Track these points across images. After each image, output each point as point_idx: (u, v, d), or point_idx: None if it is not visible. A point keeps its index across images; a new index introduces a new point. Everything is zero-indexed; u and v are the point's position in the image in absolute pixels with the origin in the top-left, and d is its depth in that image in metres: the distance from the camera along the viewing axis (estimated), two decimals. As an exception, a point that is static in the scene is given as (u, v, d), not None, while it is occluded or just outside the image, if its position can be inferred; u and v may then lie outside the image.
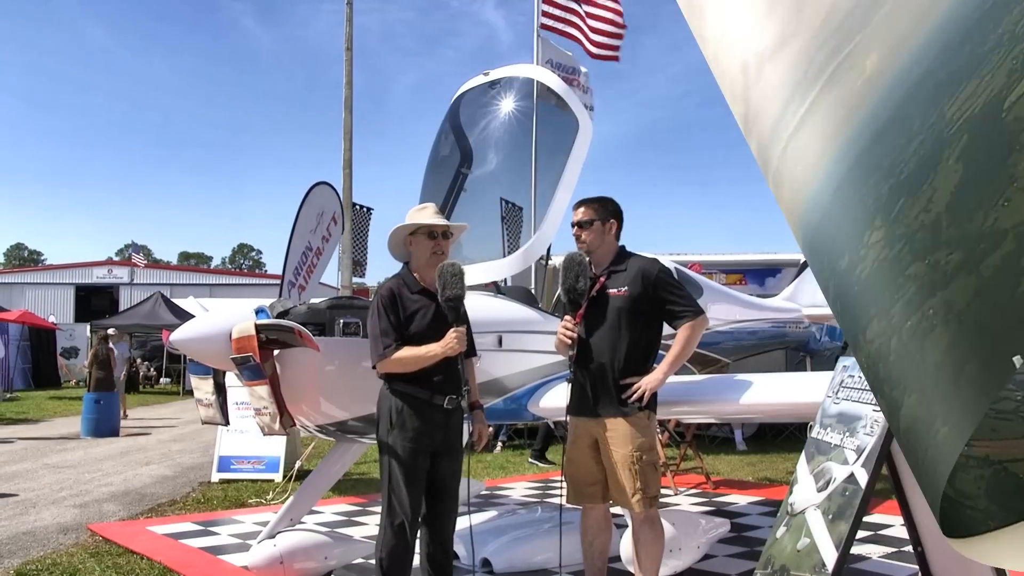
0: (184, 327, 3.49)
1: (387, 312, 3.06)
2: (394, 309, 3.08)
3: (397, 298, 3.10)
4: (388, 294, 3.11)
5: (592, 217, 3.35)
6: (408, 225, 3.22)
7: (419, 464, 3.06)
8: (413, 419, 3.05)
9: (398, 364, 3.04)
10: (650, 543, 3.24)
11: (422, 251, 3.20)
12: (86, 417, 11.21)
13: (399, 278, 3.21)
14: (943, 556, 2.96)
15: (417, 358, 3.02)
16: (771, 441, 9.69)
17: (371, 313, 3.13)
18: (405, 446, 3.04)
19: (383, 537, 3.07)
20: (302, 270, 5.40)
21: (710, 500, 6.35)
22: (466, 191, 4.69)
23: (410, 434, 3.05)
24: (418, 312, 3.11)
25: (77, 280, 30.02)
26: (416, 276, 3.21)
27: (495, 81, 4.73)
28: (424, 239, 3.20)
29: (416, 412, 3.06)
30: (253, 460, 7.28)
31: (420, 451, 3.06)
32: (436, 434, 3.09)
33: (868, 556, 4.43)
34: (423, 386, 3.07)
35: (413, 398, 3.06)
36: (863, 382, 2.77)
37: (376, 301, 3.14)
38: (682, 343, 3.24)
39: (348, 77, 12.31)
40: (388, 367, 3.06)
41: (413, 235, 3.22)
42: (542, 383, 4.12)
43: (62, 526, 5.43)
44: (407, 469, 3.03)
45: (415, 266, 3.24)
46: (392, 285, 3.15)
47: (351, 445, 4.24)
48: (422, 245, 3.20)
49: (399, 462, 3.04)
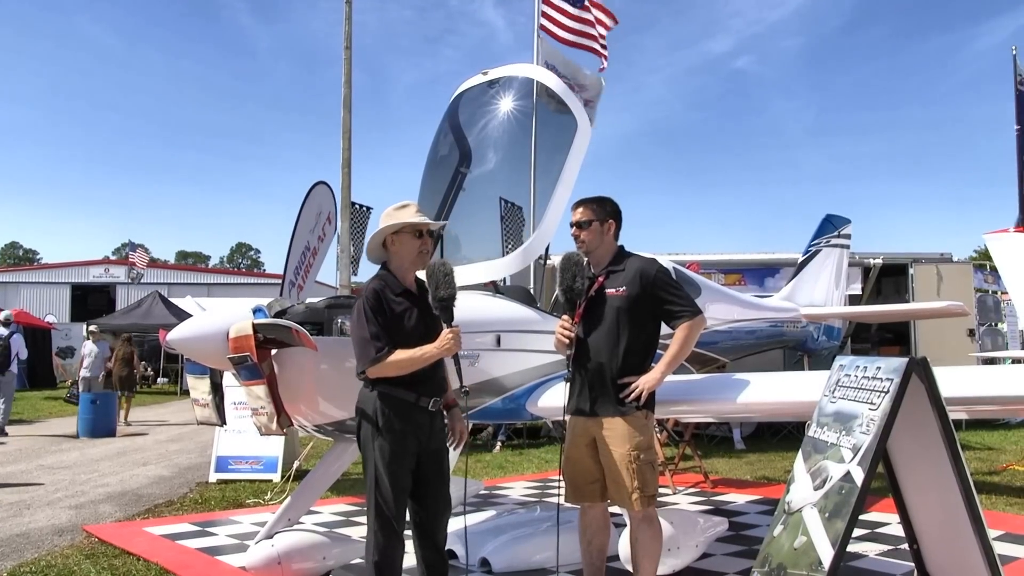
0: (181, 326, 3.49)
1: (375, 315, 2.95)
2: (381, 312, 2.97)
3: (383, 299, 3.01)
4: (374, 296, 2.99)
5: (591, 217, 3.36)
6: (393, 224, 3.08)
7: (405, 466, 3.01)
8: (398, 422, 2.99)
9: (393, 368, 2.95)
10: (648, 542, 3.25)
11: (407, 251, 3.10)
12: (82, 417, 11.19)
13: (380, 280, 3.08)
14: (939, 553, 2.98)
15: (412, 360, 2.95)
16: (769, 440, 9.71)
17: (356, 317, 3.00)
18: (391, 448, 2.98)
19: (373, 541, 3.02)
20: (301, 269, 5.41)
21: (708, 499, 6.37)
22: (465, 190, 4.69)
23: (395, 436, 2.99)
24: (404, 314, 3.02)
25: (73, 279, 29.95)
26: (397, 278, 3.11)
27: (494, 80, 4.73)
28: (410, 238, 3.10)
29: (401, 415, 3.00)
30: (251, 460, 7.27)
31: (406, 453, 3.01)
32: (420, 436, 3.05)
33: (865, 554, 4.44)
34: (409, 388, 3.01)
35: (399, 401, 3.00)
36: (859, 381, 2.78)
37: (361, 304, 3.00)
38: (680, 343, 3.25)
39: (347, 76, 12.27)
40: (381, 371, 2.95)
41: (396, 234, 3.10)
42: (541, 382, 4.12)
43: (57, 527, 5.41)
44: (392, 471, 2.98)
45: (396, 266, 3.13)
46: (375, 287, 3.03)
47: (349, 445, 4.23)
48: (407, 244, 3.10)
49: (385, 465, 2.98)
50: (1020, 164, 10.84)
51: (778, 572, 2.67)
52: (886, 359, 2.74)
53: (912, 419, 2.71)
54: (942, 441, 2.68)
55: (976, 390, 3.24)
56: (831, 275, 8.97)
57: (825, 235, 9.10)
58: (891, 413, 2.55)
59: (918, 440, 2.80)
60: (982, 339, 11.04)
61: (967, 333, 10.50)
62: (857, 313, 9.53)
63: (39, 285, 30.22)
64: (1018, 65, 10.63)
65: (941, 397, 2.65)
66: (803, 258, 8.91)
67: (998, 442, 9.35)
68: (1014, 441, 9.35)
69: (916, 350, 10.28)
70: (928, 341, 10.19)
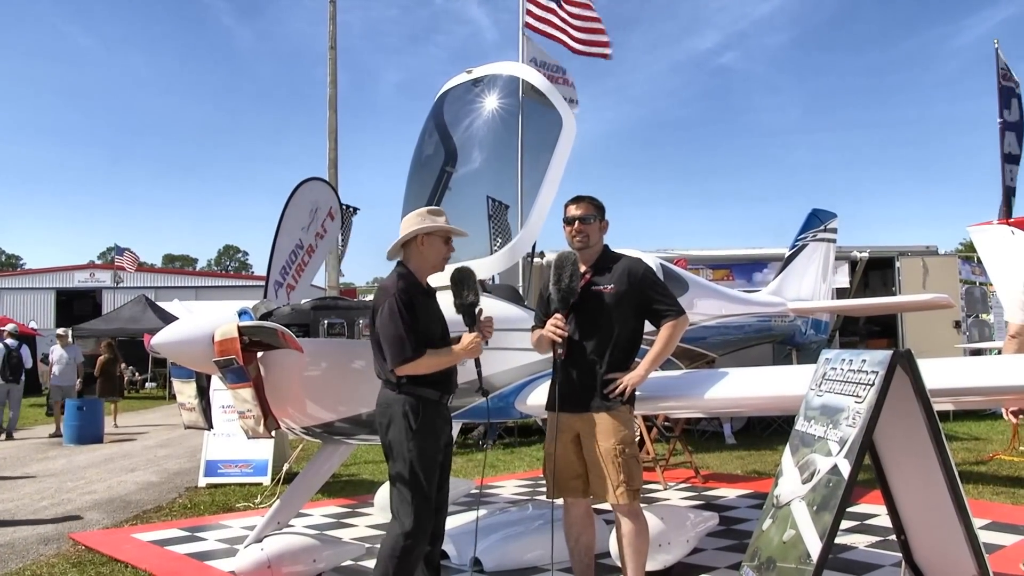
0: (166, 330, 3.45)
1: (409, 312, 3.00)
2: (412, 310, 3.02)
3: (413, 297, 3.06)
4: (406, 296, 3.03)
5: (592, 213, 3.42)
6: (430, 226, 3.15)
7: (437, 464, 3.12)
8: (430, 422, 3.08)
9: (423, 367, 3.02)
10: (634, 536, 3.27)
11: (434, 254, 3.19)
12: (69, 424, 11.05)
13: (404, 278, 3.12)
14: (925, 543, 3.00)
15: (440, 360, 3.07)
16: (759, 434, 9.77)
17: (388, 313, 2.99)
18: (426, 450, 3.05)
19: (398, 544, 2.97)
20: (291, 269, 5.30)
21: (699, 494, 6.39)
22: (451, 189, 4.67)
23: (428, 436, 3.07)
24: (426, 312, 3.12)
25: (58, 284, 29.58)
26: (417, 277, 3.19)
27: (478, 79, 4.72)
28: (440, 243, 3.21)
29: (430, 415, 3.09)
30: (241, 464, 7.21)
31: (437, 451, 3.12)
32: (447, 430, 3.22)
33: (854, 546, 4.47)
34: (434, 387, 3.11)
35: (427, 400, 3.08)
36: (845, 374, 2.80)
37: (392, 302, 3.01)
38: (663, 341, 3.32)
39: (332, 76, 12.23)
40: (412, 369, 3.00)
41: (428, 236, 3.17)
42: (529, 381, 4.12)
43: (43, 536, 5.34)
44: (430, 468, 3.05)
45: (417, 267, 3.19)
46: (403, 285, 3.07)
47: (338, 447, 4.22)
48: (436, 248, 3.19)
49: (424, 463, 3.02)
50: (1003, 157, 10.97)
51: (768, 565, 2.67)
52: (871, 352, 2.75)
53: (898, 411, 2.73)
54: (927, 432, 2.70)
55: (960, 381, 3.26)
56: (818, 269, 9.03)
57: (812, 229, 9.16)
58: (877, 405, 2.57)
59: (904, 431, 2.81)
60: (969, 330, 11.15)
61: (953, 325, 10.61)
62: (844, 307, 9.60)
63: (22, 291, 29.80)
64: (1000, 58, 10.76)
65: (926, 388, 2.67)
66: (790, 253, 8.96)
67: (985, 432, 9.46)
68: (1000, 431, 9.46)
69: (903, 342, 10.37)
70: (915, 333, 10.28)
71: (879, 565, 4.08)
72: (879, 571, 3.98)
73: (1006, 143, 10.55)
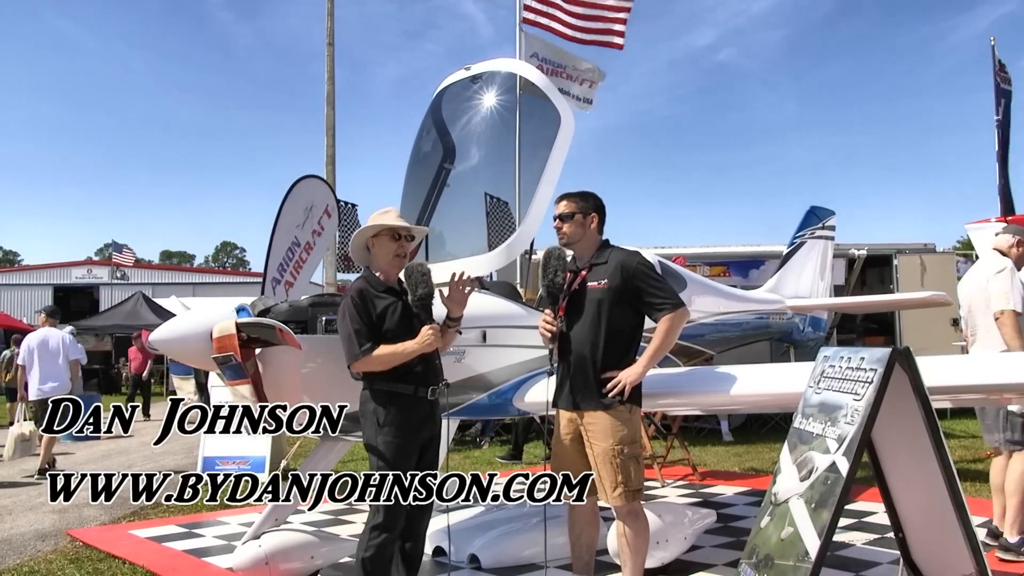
0: (164, 327, 3.44)
1: (359, 312, 3.12)
2: (365, 309, 3.13)
3: (367, 298, 3.16)
4: (358, 294, 3.16)
5: (573, 210, 3.38)
6: (372, 227, 3.30)
7: (410, 461, 3.11)
8: (400, 417, 3.09)
9: (376, 363, 3.09)
10: (634, 536, 3.26)
11: (384, 252, 3.29)
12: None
13: (363, 279, 3.27)
14: (923, 541, 3.00)
15: (394, 355, 3.09)
16: (757, 432, 9.78)
17: (342, 314, 3.17)
18: (396, 444, 3.07)
19: (368, 538, 3.06)
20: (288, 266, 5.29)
21: (697, 491, 6.39)
22: (449, 186, 4.66)
23: (400, 431, 3.08)
24: (387, 310, 3.18)
25: (55, 281, 29.49)
26: (379, 276, 3.29)
27: (476, 76, 4.70)
28: (387, 241, 3.29)
29: (402, 409, 3.10)
30: (238, 460, 7.21)
31: (411, 448, 3.11)
32: (424, 428, 3.17)
33: (852, 543, 4.48)
34: (407, 381, 3.12)
35: (398, 395, 3.11)
36: (843, 371, 2.80)
37: (346, 302, 3.18)
38: (662, 335, 3.25)
39: (330, 72, 12.20)
40: (365, 366, 3.10)
41: (376, 237, 3.30)
42: (527, 377, 4.11)
43: (40, 532, 5.33)
44: (401, 463, 3.07)
45: (377, 267, 3.33)
46: (360, 286, 3.21)
47: (336, 443, 4.21)
48: (385, 247, 3.29)
49: (395, 458, 3.06)
50: (1000, 154, 10.98)
51: (765, 563, 2.68)
52: (869, 349, 2.75)
53: (896, 408, 2.73)
54: (926, 430, 2.70)
55: (958, 379, 3.26)
56: (816, 266, 9.03)
57: (809, 227, 9.16)
58: (875, 403, 2.57)
59: (902, 429, 2.82)
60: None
61: (951, 322, 10.63)
62: (842, 304, 9.61)
63: (20, 287, 29.72)
64: (996, 56, 10.76)
65: (924, 386, 2.67)
66: (788, 250, 8.96)
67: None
68: (997, 428, 9.47)
69: (901, 340, 10.38)
70: (913, 331, 10.29)
71: (877, 563, 4.08)
72: (877, 569, 3.99)
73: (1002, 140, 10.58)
